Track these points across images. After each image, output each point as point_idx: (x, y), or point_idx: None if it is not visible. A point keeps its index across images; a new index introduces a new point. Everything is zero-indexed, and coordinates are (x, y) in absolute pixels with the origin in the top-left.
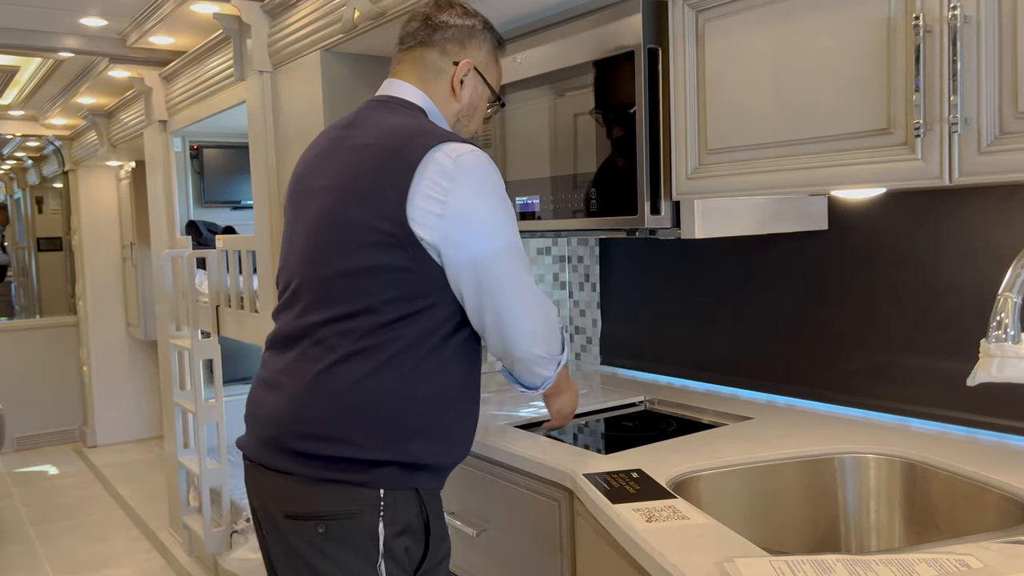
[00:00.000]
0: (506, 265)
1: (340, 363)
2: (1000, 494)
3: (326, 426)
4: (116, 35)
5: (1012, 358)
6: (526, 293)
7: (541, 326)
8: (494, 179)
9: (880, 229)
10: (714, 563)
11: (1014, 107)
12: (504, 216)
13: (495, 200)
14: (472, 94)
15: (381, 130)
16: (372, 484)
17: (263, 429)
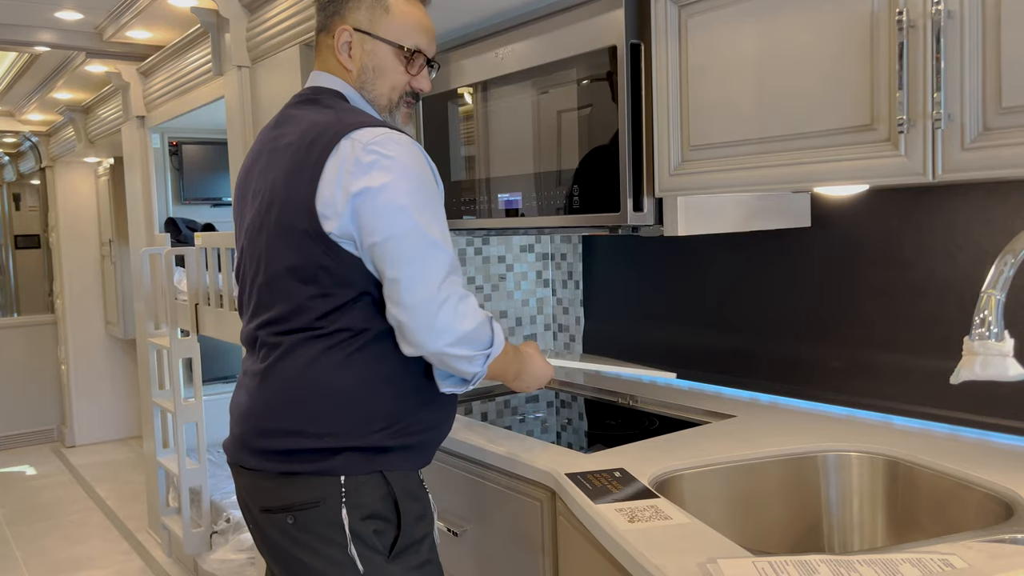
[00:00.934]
0: (419, 250)
1: (282, 359)
2: (983, 492)
3: (279, 421)
4: (92, 29)
5: (995, 356)
6: (441, 284)
7: (460, 322)
8: (403, 162)
9: (862, 226)
10: (697, 564)
11: (997, 103)
12: (416, 196)
13: (403, 180)
14: (364, 57)
15: (301, 126)
16: (331, 472)
17: (235, 428)
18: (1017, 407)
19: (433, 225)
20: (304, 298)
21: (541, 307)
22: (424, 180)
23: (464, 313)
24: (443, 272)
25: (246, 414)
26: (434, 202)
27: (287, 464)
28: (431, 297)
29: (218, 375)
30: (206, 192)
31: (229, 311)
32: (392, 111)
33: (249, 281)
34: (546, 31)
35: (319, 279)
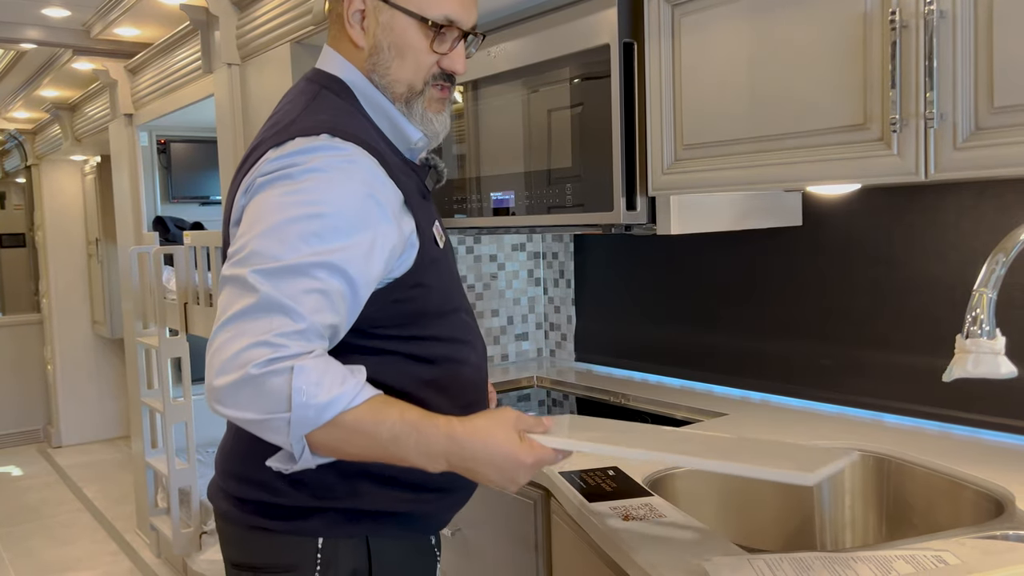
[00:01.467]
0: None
1: None
2: (975, 489)
3: (246, 467)
4: (80, 26)
5: (987, 354)
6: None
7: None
8: (318, 177)
9: (854, 225)
10: (692, 562)
11: (989, 103)
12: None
13: (291, 195)
14: (379, 32)
15: (264, 126)
16: (307, 532)
17: (216, 467)
18: (1008, 404)
19: (280, 249)
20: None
21: (532, 306)
22: (320, 199)
23: (222, 357)
24: (238, 306)
25: (220, 452)
26: (309, 223)
27: (254, 516)
28: (213, 332)
29: None
30: (194, 190)
31: None
32: (412, 101)
33: None
34: (539, 30)
35: None
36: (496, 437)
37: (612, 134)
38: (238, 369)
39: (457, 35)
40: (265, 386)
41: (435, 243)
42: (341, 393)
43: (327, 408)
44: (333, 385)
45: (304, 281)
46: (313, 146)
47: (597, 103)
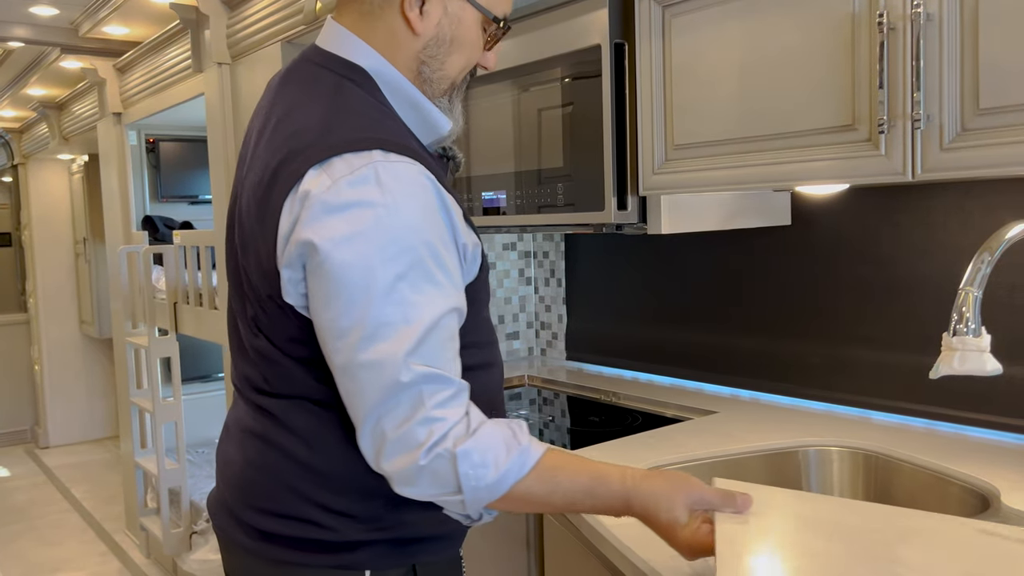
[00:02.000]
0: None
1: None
2: (960, 484)
3: (286, 503)
4: (68, 24)
5: (973, 351)
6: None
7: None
8: (384, 211)
9: (842, 224)
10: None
11: (975, 104)
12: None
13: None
14: (445, 22)
15: (282, 126)
16: (354, 566)
17: (223, 492)
18: (993, 402)
19: (402, 313)
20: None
21: (524, 305)
22: (409, 237)
23: (386, 440)
24: (385, 385)
25: (236, 482)
26: (415, 270)
27: (292, 552)
28: (359, 421)
29: (197, 374)
30: (184, 190)
31: (209, 310)
32: (452, 95)
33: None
34: (530, 30)
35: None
36: (665, 516)
37: (603, 134)
38: (404, 454)
39: (503, 33)
40: (435, 473)
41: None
42: (507, 468)
43: (498, 486)
44: (499, 460)
45: (436, 337)
46: (369, 173)
47: (588, 103)
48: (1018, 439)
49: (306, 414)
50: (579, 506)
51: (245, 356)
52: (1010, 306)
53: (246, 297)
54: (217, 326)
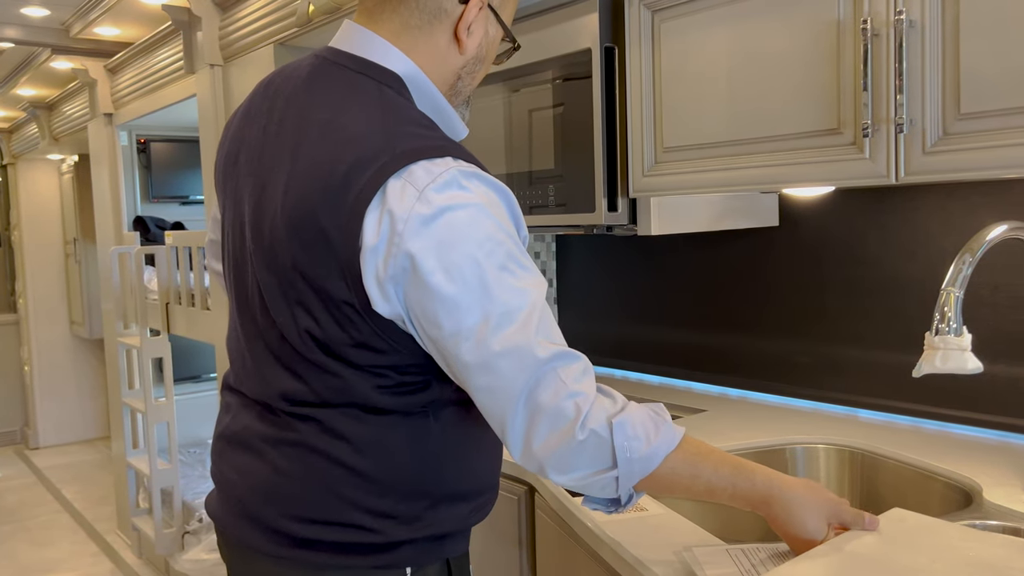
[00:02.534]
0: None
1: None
2: (943, 481)
3: (325, 508)
4: (59, 25)
5: (955, 350)
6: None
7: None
8: (474, 216)
9: (829, 226)
10: (673, 552)
11: (956, 109)
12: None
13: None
14: (483, 41)
15: (328, 134)
16: (396, 564)
17: (242, 502)
18: (975, 399)
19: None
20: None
21: None
22: (497, 232)
23: (544, 432)
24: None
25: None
26: (511, 261)
27: (333, 556)
28: (504, 410)
29: (189, 375)
30: (175, 190)
31: (201, 310)
32: (469, 102)
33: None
34: (522, 33)
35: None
36: (812, 525)
37: (594, 137)
38: (557, 432)
39: (516, 51)
40: (591, 448)
41: None
42: (659, 442)
43: (651, 459)
44: (650, 433)
45: (547, 316)
46: (451, 178)
47: (579, 106)
48: (1000, 436)
49: (354, 421)
50: (718, 495)
51: (281, 370)
52: (992, 305)
53: (296, 308)
54: (209, 326)
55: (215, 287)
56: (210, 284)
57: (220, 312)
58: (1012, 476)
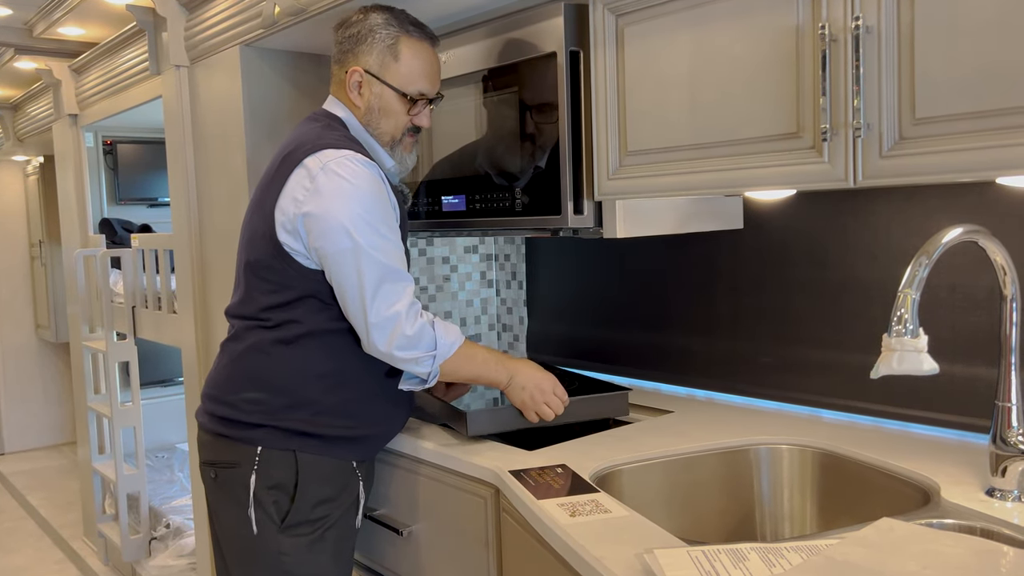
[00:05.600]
0: (355, 264)
1: (233, 340)
2: (903, 480)
3: (223, 391)
4: (22, 25)
5: (911, 352)
6: (374, 294)
7: (392, 327)
8: (356, 182)
9: (792, 228)
10: (634, 554)
11: (912, 114)
12: (359, 217)
13: (351, 202)
14: (372, 98)
15: (290, 138)
16: (250, 441)
17: (203, 394)
18: (935, 399)
19: (372, 240)
20: (255, 291)
21: (485, 307)
22: (371, 201)
23: (394, 319)
24: (374, 283)
25: (208, 378)
26: (378, 221)
27: (221, 427)
28: (362, 307)
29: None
30: (142, 192)
31: (167, 314)
32: (394, 146)
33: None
34: (488, 36)
35: (268, 277)
36: (528, 367)
37: (560, 140)
38: (409, 322)
39: (426, 102)
40: (422, 333)
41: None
42: (458, 335)
43: (454, 344)
44: (451, 331)
45: (395, 250)
46: (344, 160)
47: (545, 110)
48: (958, 435)
49: (259, 333)
50: (489, 366)
51: (232, 294)
52: (950, 306)
53: (252, 251)
54: (176, 330)
55: (183, 291)
56: (177, 288)
57: (187, 316)
58: (970, 475)
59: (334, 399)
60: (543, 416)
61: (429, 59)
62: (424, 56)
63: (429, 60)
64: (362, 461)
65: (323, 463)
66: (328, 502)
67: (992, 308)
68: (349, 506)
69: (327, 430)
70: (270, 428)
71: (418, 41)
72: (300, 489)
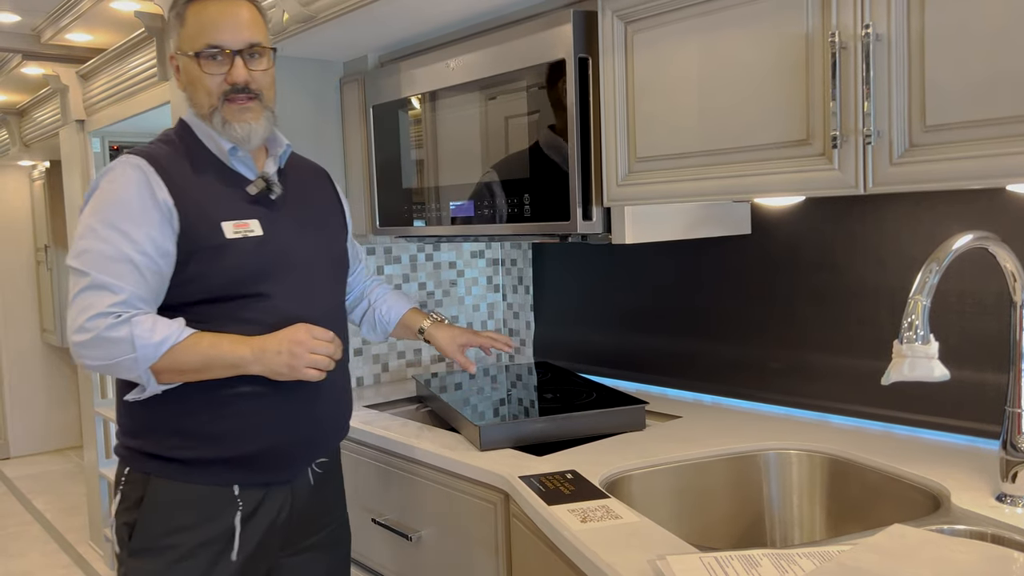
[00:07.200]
0: (71, 276)
1: None
2: (912, 485)
3: (120, 416)
4: (30, 31)
5: (922, 358)
6: (71, 302)
7: (83, 339)
8: (102, 187)
9: (800, 233)
10: (646, 561)
11: (922, 122)
12: (84, 223)
13: (88, 209)
14: (184, 76)
15: None
16: (122, 461)
17: None
18: (944, 404)
19: (86, 245)
20: None
21: (492, 312)
22: (107, 206)
23: (82, 328)
24: (75, 291)
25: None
26: (103, 227)
27: (119, 448)
28: (68, 315)
29: None
30: None
31: None
32: (213, 115)
33: None
34: (497, 43)
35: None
36: (282, 332)
37: (569, 146)
38: (92, 330)
39: (224, 56)
40: (111, 339)
41: (220, 233)
42: (168, 333)
43: (161, 344)
44: (158, 331)
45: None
46: (116, 164)
47: (553, 116)
48: (968, 440)
49: None
50: (217, 354)
51: None
52: (960, 312)
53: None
54: None
55: None
56: None
57: None
58: (980, 481)
59: (164, 418)
60: (319, 367)
61: (218, 10)
62: (211, 9)
63: (217, 11)
64: (250, 487)
65: (179, 489)
66: (182, 531)
67: (1002, 314)
68: (215, 538)
69: (177, 452)
70: (132, 450)
71: (204, 0)
72: (147, 515)
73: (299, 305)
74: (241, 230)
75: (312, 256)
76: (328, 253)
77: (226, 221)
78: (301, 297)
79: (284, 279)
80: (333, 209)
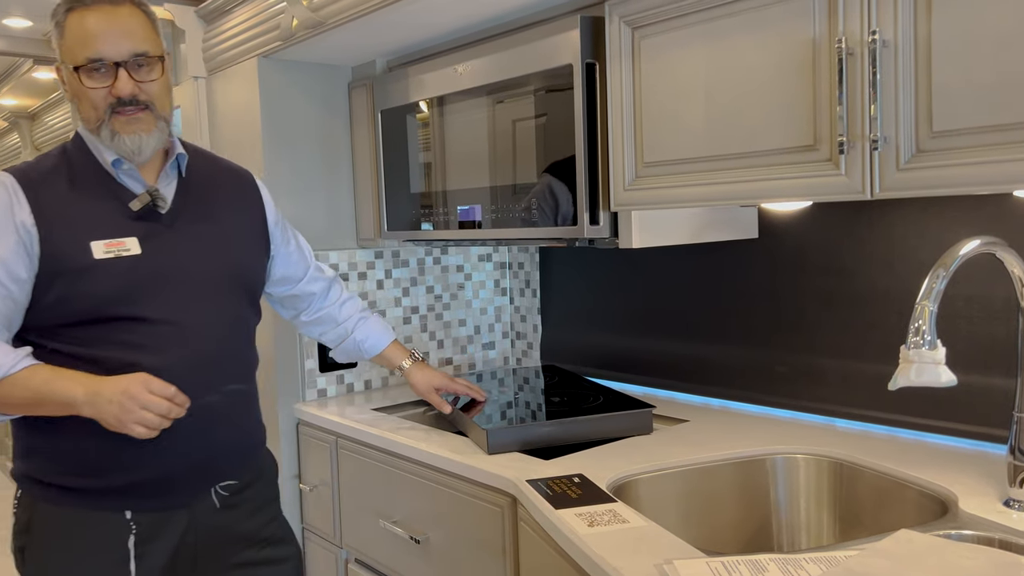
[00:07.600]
0: None
1: None
2: (919, 490)
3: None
4: (41, 36)
5: (929, 364)
6: None
7: None
8: None
9: (807, 238)
10: (653, 565)
11: (929, 127)
12: None
13: None
14: (68, 87)
15: None
16: (15, 481)
17: None
18: (951, 409)
19: None
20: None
21: (499, 315)
22: None
23: None
24: None
25: None
26: None
27: (13, 467)
28: None
29: None
30: None
31: None
32: (100, 129)
33: None
34: (504, 48)
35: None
36: (119, 380)
37: (576, 151)
38: None
39: (108, 67)
40: None
41: (88, 254)
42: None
43: None
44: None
45: None
46: None
47: (560, 121)
48: (975, 445)
49: None
50: (48, 392)
51: None
52: (967, 317)
53: None
54: None
55: None
56: None
57: None
58: (987, 486)
59: (53, 442)
60: (149, 425)
61: (97, 20)
62: (90, 19)
63: (97, 21)
64: (144, 511)
65: (67, 515)
66: (71, 556)
67: (1009, 318)
68: (109, 563)
69: (60, 480)
70: (21, 473)
71: (83, 9)
72: (36, 540)
73: (181, 327)
74: (114, 249)
75: (206, 272)
76: (231, 267)
77: (97, 241)
78: (186, 317)
79: (164, 299)
80: (250, 218)
